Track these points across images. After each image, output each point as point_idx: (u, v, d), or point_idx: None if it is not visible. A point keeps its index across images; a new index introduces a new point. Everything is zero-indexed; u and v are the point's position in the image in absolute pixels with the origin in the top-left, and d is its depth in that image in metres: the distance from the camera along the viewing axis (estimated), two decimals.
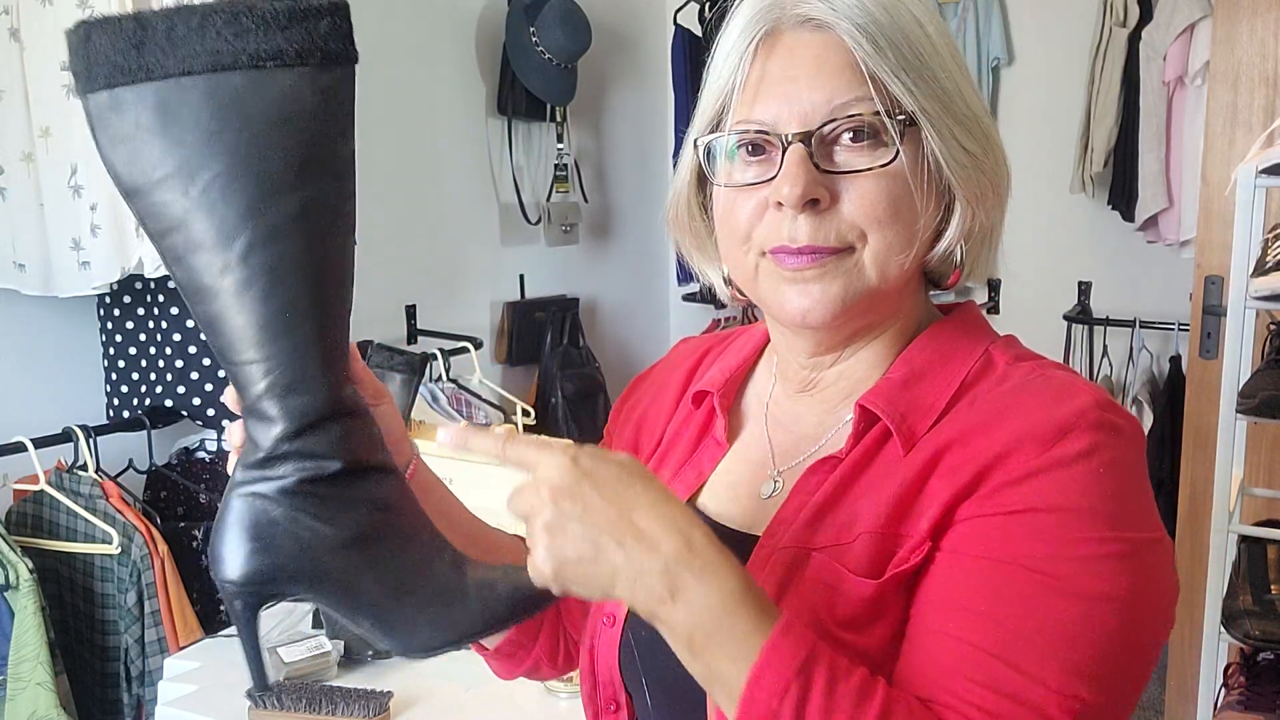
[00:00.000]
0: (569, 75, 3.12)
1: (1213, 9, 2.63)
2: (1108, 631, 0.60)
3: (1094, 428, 0.63)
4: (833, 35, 0.66)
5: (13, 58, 1.82)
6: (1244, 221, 1.82)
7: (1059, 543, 0.60)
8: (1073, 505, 0.61)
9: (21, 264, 1.87)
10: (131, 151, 0.61)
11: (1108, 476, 0.62)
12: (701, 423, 0.82)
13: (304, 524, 0.63)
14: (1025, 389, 0.67)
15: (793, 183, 0.65)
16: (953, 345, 0.73)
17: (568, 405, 3.08)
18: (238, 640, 0.69)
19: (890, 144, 0.66)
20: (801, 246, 0.67)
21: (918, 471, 0.66)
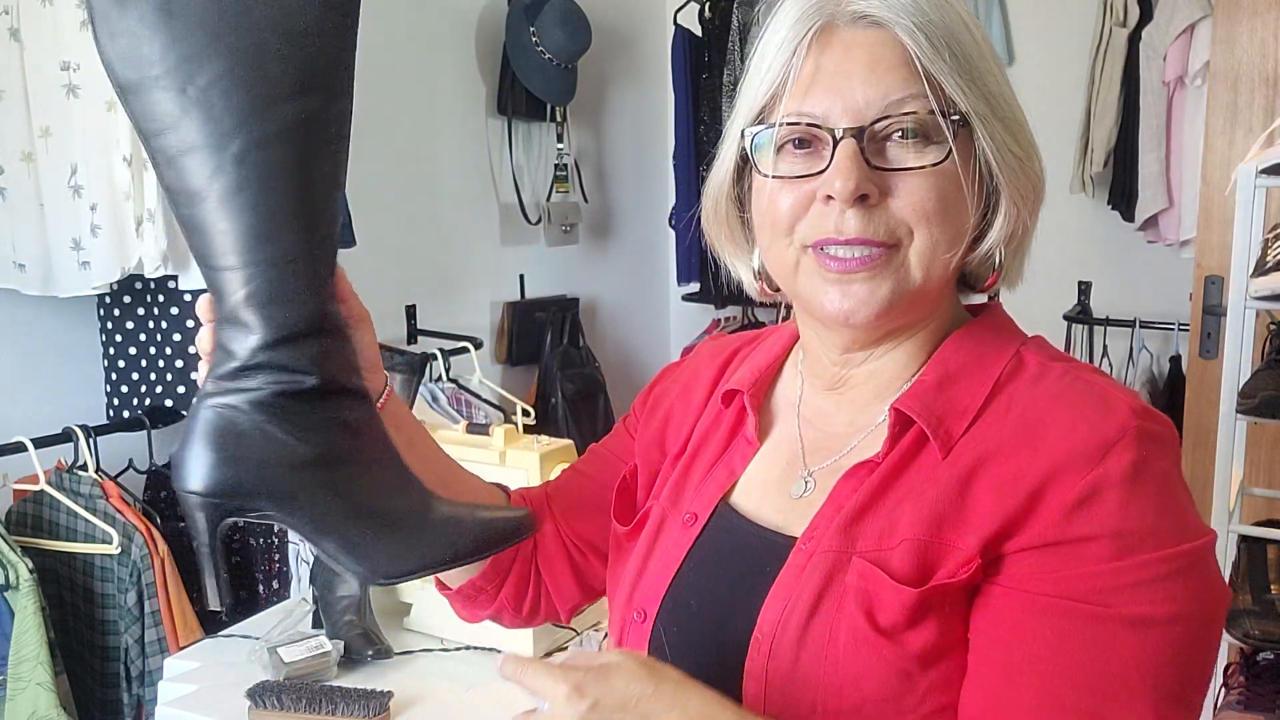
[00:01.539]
0: (569, 75, 3.12)
1: (1213, 9, 2.63)
2: (1186, 650, 0.60)
3: (1137, 440, 0.62)
4: (889, 33, 0.66)
5: (13, 58, 1.82)
6: (1244, 221, 1.82)
7: (1122, 570, 0.60)
8: (1130, 529, 0.60)
9: (21, 264, 1.87)
10: (130, 46, 0.59)
11: (1159, 492, 0.62)
12: (732, 422, 0.82)
13: (274, 438, 0.62)
14: (1063, 396, 0.67)
15: (845, 177, 0.65)
16: (984, 346, 0.72)
17: (568, 405, 3.08)
18: (238, 640, 0.69)
19: (942, 143, 0.66)
20: (850, 238, 0.67)
21: (959, 479, 0.66)
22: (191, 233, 0.62)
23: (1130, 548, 0.60)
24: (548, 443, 1.62)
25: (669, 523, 0.80)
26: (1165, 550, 0.60)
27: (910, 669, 0.63)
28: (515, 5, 3.02)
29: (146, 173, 1.79)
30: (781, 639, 0.67)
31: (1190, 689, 0.61)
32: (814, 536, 0.70)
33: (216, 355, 0.63)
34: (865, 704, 0.64)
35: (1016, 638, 0.62)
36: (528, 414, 2.42)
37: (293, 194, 0.61)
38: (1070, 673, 0.60)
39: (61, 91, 1.80)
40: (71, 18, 1.78)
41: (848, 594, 0.65)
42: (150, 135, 0.61)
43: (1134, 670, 0.59)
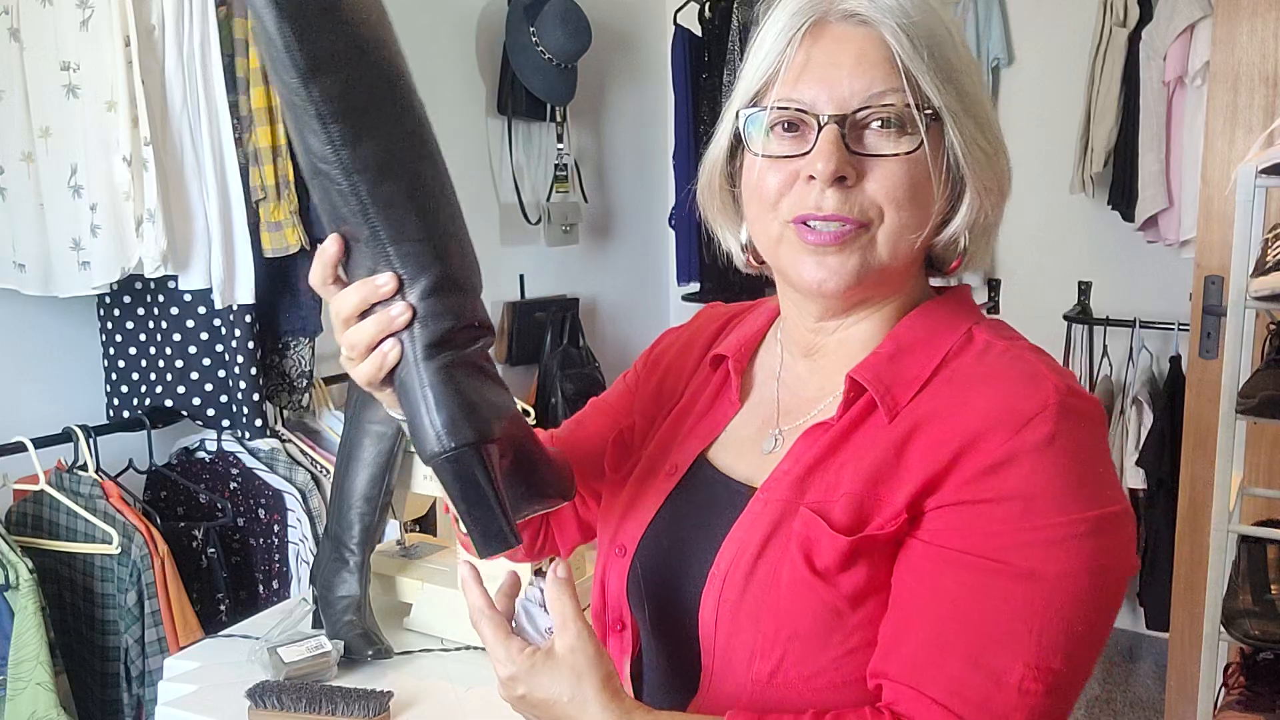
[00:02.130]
0: (569, 75, 3.12)
1: (1213, 9, 2.63)
2: (1075, 605, 0.67)
3: (1057, 414, 0.68)
4: (875, 31, 0.73)
5: (13, 58, 1.81)
6: (1244, 221, 1.82)
7: (1023, 530, 0.67)
8: (1036, 491, 0.67)
9: (21, 264, 1.87)
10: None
11: (1069, 461, 0.68)
12: (718, 383, 0.91)
13: (485, 384, 0.74)
14: (997, 369, 0.74)
15: (826, 159, 0.72)
16: (940, 323, 0.79)
17: (568, 405, 3.08)
18: (238, 640, 0.72)
19: (915, 134, 0.73)
20: (828, 214, 0.73)
21: (897, 441, 0.73)
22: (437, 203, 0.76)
23: (1034, 511, 0.67)
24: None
25: (654, 472, 0.89)
26: (1067, 515, 0.67)
27: (841, 607, 0.71)
28: (515, 5, 3.02)
29: (146, 173, 1.80)
30: (733, 576, 0.76)
31: (1074, 643, 0.66)
32: (770, 488, 0.78)
33: (424, 322, 0.72)
34: (799, 635, 0.72)
35: (923, 585, 0.70)
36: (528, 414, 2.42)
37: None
38: (961, 618, 0.67)
39: (61, 91, 1.80)
40: (71, 18, 1.78)
41: (792, 539, 0.73)
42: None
43: (1020, 621, 0.66)
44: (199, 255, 1.91)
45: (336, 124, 0.68)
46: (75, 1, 1.77)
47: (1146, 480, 3.09)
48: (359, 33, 0.70)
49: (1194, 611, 2.37)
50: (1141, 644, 3.45)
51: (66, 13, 1.78)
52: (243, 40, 1.95)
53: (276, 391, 2.12)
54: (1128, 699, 3.13)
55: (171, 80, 1.85)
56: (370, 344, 0.73)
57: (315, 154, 0.69)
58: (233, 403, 2.00)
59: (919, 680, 0.68)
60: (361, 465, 1.61)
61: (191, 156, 1.89)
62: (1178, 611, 2.64)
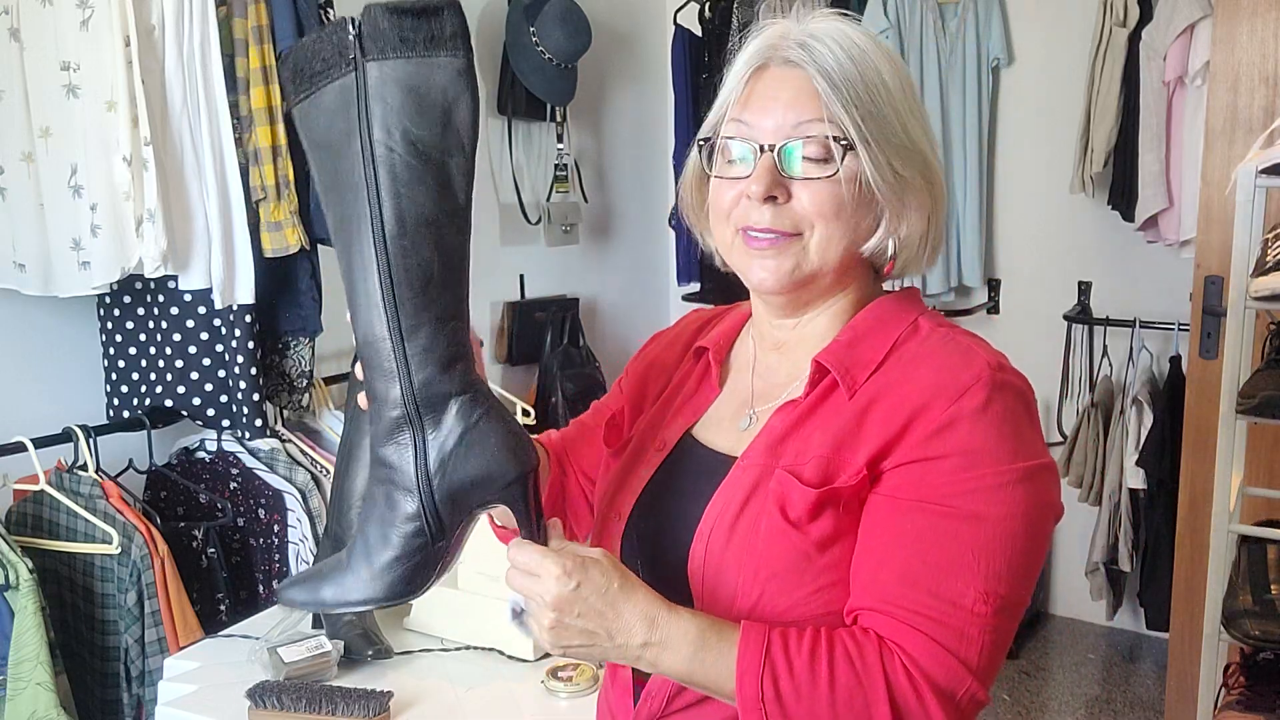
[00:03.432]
0: (569, 75, 3.12)
1: (1213, 9, 2.63)
2: (1013, 541, 0.80)
3: (989, 385, 0.82)
4: (805, 73, 0.87)
5: (13, 58, 1.81)
6: (1244, 221, 1.82)
7: (966, 480, 0.80)
8: (975, 448, 0.80)
9: (21, 264, 1.87)
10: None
11: (1000, 424, 0.81)
12: (700, 372, 1.04)
13: (512, 428, 0.84)
14: (937, 351, 0.87)
15: (758, 182, 0.87)
16: (889, 315, 0.93)
17: (568, 405, 3.08)
18: (238, 640, 0.73)
19: (832, 161, 0.86)
20: (762, 229, 0.88)
21: (856, 413, 0.86)
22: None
23: (973, 464, 0.80)
24: None
25: (645, 448, 1.01)
26: (1001, 467, 0.80)
27: (810, 551, 0.84)
28: (515, 5, 3.02)
29: (146, 173, 1.80)
30: (718, 529, 0.88)
31: (1014, 572, 0.80)
32: (749, 456, 0.90)
33: (472, 379, 0.83)
34: (776, 575, 0.84)
35: (887, 532, 0.82)
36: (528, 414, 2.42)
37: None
38: (923, 556, 0.80)
39: (61, 91, 1.80)
40: (72, 18, 1.78)
41: (769, 496, 0.86)
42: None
43: (969, 554, 0.79)
44: (199, 255, 1.91)
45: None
46: (75, 1, 1.77)
47: (1146, 480, 3.09)
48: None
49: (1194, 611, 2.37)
50: (1141, 644, 3.45)
51: (66, 13, 1.78)
52: (243, 40, 1.95)
53: (276, 391, 2.12)
54: (1128, 699, 3.13)
55: (171, 80, 1.85)
56: None
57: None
58: (233, 403, 2.00)
59: (890, 608, 0.80)
60: (361, 465, 1.61)
61: (191, 156, 1.89)
62: (1178, 611, 2.64)
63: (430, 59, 0.77)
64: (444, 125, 0.79)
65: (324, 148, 0.78)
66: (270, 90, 1.96)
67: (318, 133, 0.78)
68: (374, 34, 0.75)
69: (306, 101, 0.78)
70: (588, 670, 1.50)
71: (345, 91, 0.76)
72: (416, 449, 0.81)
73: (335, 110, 0.77)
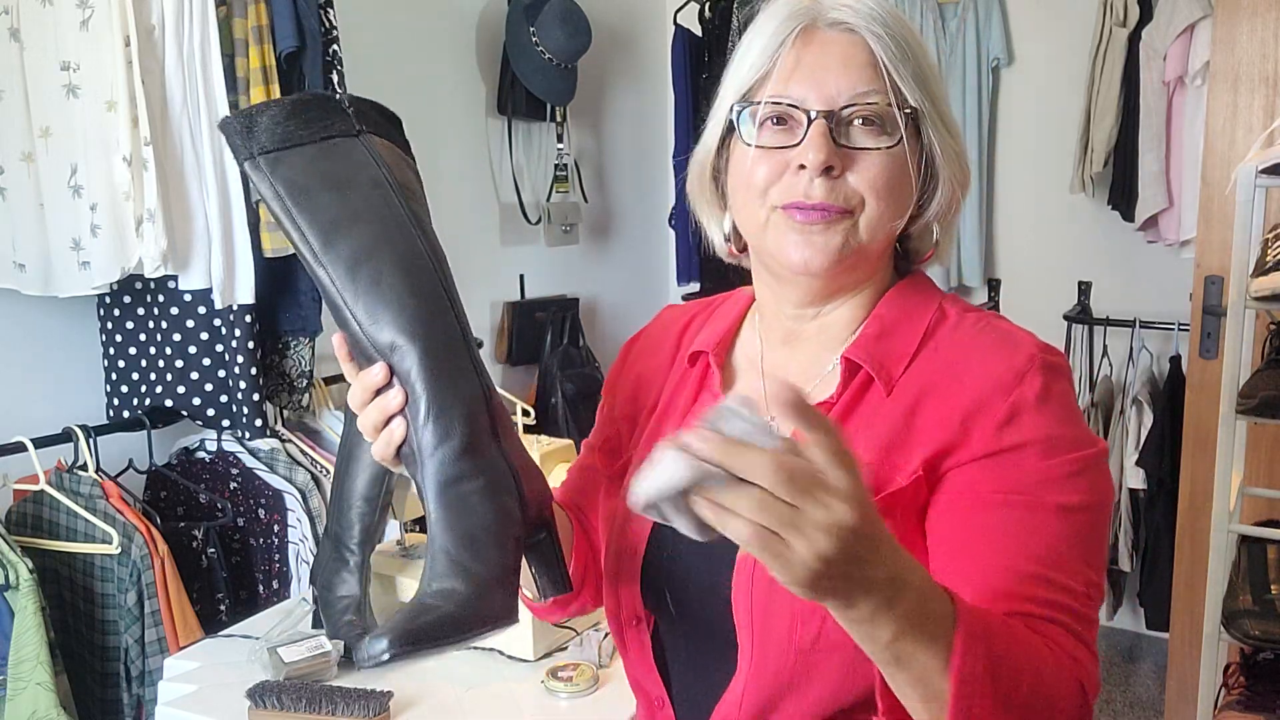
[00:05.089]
0: (569, 75, 3.12)
1: (1213, 9, 2.63)
2: (1096, 527, 0.77)
3: (1042, 369, 0.78)
4: (859, 37, 0.80)
5: (13, 58, 1.81)
6: (1244, 221, 1.82)
7: (1048, 469, 0.76)
8: (1048, 436, 0.76)
9: (21, 264, 1.87)
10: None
11: (1063, 408, 0.78)
12: (699, 379, 0.94)
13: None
14: (979, 339, 0.82)
15: (817, 150, 0.78)
16: (913, 302, 0.87)
17: (568, 405, 3.08)
18: (238, 640, 0.73)
19: (895, 131, 0.80)
20: (815, 203, 0.80)
21: (902, 414, 0.80)
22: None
23: (1051, 451, 0.76)
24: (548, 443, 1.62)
25: None
26: (1076, 453, 0.76)
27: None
28: (515, 5, 3.02)
29: (146, 173, 1.79)
30: None
31: (1098, 559, 0.77)
32: None
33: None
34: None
35: (978, 527, 0.76)
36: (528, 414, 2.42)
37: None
38: (1026, 549, 0.74)
39: (61, 91, 1.80)
40: (72, 18, 1.78)
41: None
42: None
43: (1064, 544, 0.75)
44: (199, 255, 1.91)
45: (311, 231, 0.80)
46: (75, 1, 1.77)
47: (1146, 480, 3.09)
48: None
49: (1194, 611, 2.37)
50: (1141, 644, 3.45)
51: (66, 13, 1.78)
52: (243, 40, 1.95)
53: (276, 391, 2.12)
54: (1128, 699, 3.13)
55: (171, 80, 1.85)
56: (376, 426, 0.79)
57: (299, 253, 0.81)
58: (233, 403, 2.00)
59: (1019, 603, 0.72)
60: (361, 465, 1.61)
61: (191, 156, 1.89)
62: (1178, 611, 2.64)
63: (402, 151, 0.89)
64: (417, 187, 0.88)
65: (327, 186, 0.80)
66: (270, 90, 1.95)
67: (314, 174, 0.80)
68: (360, 115, 0.85)
69: (291, 151, 0.81)
70: (588, 670, 1.50)
71: (347, 145, 0.82)
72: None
73: (338, 156, 0.82)
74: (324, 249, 0.79)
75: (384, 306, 0.77)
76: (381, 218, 0.80)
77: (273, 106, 0.81)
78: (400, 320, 0.77)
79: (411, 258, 0.80)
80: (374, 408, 0.79)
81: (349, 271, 0.78)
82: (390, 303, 0.77)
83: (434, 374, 0.77)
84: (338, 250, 0.78)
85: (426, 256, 0.81)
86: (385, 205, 0.81)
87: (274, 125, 0.80)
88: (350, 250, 0.78)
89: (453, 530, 0.75)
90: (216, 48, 1.87)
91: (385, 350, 0.78)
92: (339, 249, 0.78)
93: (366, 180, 0.81)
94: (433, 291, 0.80)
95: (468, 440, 0.77)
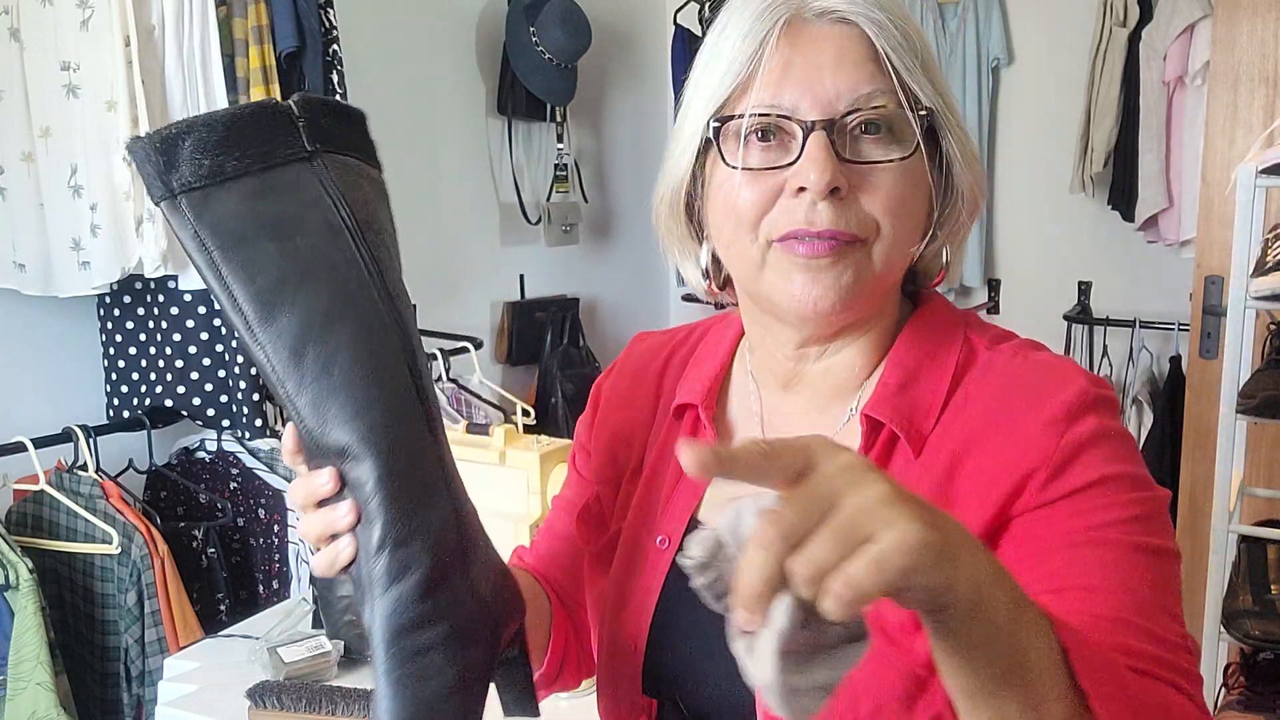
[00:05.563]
0: (569, 75, 3.12)
1: (1213, 9, 2.63)
2: (1175, 577, 0.66)
3: (1094, 404, 0.67)
4: (855, 28, 0.67)
5: (13, 58, 1.81)
6: (1244, 221, 1.82)
7: (1124, 506, 0.64)
8: (1116, 474, 0.65)
9: (21, 264, 1.87)
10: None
11: (1122, 445, 0.67)
12: (688, 434, 0.80)
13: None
14: (1021, 379, 0.70)
15: (820, 168, 0.65)
16: (934, 339, 0.74)
17: (568, 405, 3.07)
18: (238, 640, 0.70)
19: (908, 139, 0.68)
20: (821, 230, 0.66)
21: (939, 479, 0.67)
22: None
23: (1120, 488, 0.65)
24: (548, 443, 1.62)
25: (641, 548, 0.78)
26: (1147, 492, 0.66)
27: (919, 673, 0.63)
28: (515, 5, 3.02)
29: None
30: None
31: (1182, 614, 0.65)
32: None
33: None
34: (879, 712, 0.64)
35: (1045, 573, 0.62)
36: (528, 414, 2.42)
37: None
38: (1105, 591, 0.61)
39: (61, 91, 1.80)
40: (72, 18, 1.78)
41: None
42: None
43: (1149, 589, 0.63)
44: None
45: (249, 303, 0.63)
46: (75, 1, 1.77)
47: None
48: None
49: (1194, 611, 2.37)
50: None
51: (66, 13, 1.78)
52: (243, 40, 1.95)
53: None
54: None
55: (171, 80, 1.85)
56: (319, 538, 0.64)
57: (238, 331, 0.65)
58: (233, 403, 2.00)
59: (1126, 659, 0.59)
60: None
61: None
62: None
63: (365, 164, 0.70)
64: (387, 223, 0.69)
65: (267, 234, 0.63)
66: (270, 90, 1.95)
67: (252, 217, 0.63)
68: (314, 127, 0.66)
69: (222, 187, 0.63)
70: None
71: (295, 174, 0.65)
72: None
73: (283, 191, 0.64)
74: (262, 322, 0.62)
75: (335, 401, 0.62)
76: (337, 277, 0.63)
77: (199, 127, 0.63)
78: (355, 422, 0.62)
79: (372, 332, 0.64)
80: (318, 518, 0.63)
81: (293, 355, 0.62)
82: (343, 397, 0.62)
83: (394, 494, 0.61)
84: (279, 325, 0.62)
85: (391, 328, 0.64)
86: (342, 258, 0.64)
87: (201, 152, 0.62)
88: (296, 325, 0.62)
89: (404, 697, 0.60)
90: (216, 48, 1.87)
91: (335, 454, 0.62)
92: (280, 322, 0.62)
93: (319, 224, 0.64)
94: (396, 378, 0.64)
95: (430, 578, 0.61)
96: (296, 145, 0.65)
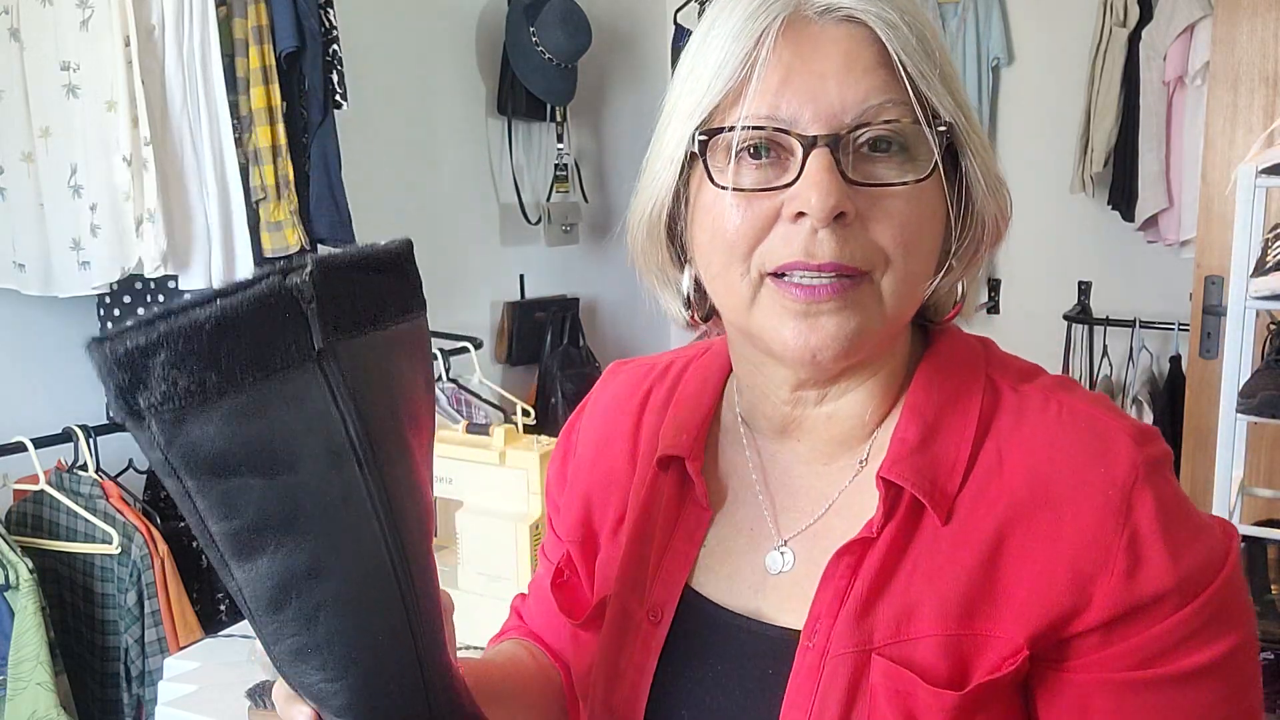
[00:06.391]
0: (569, 75, 3.12)
1: (1213, 9, 2.63)
2: (1254, 669, 0.58)
3: (1148, 476, 0.58)
4: (865, 30, 0.58)
5: (13, 58, 1.82)
6: (1244, 221, 1.82)
7: (1179, 625, 0.57)
8: (1186, 577, 0.57)
9: (21, 264, 1.87)
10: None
11: (1183, 523, 0.58)
12: (675, 488, 0.71)
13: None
14: (1060, 442, 0.61)
15: (823, 191, 0.56)
16: (953, 381, 0.65)
17: (568, 405, 3.07)
18: (238, 640, 0.69)
19: (923, 158, 0.58)
20: (823, 264, 0.57)
21: (980, 559, 0.59)
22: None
23: (1189, 595, 0.57)
24: (548, 443, 1.61)
25: (630, 620, 0.69)
26: (1213, 581, 0.57)
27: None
28: (515, 5, 3.02)
29: (146, 173, 1.80)
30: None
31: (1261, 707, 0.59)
32: (819, 631, 0.60)
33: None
34: None
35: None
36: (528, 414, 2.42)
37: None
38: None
39: (61, 91, 1.80)
40: (72, 18, 1.78)
41: (877, 701, 0.57)
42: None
43: (1225, 710, 0.57)
44: (199, 255, 1.91)
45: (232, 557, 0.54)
46: (75, 1, 1.77)
47: None
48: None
49: None
50: None
51: (66, 13, 1.78)
52: (243, 40, 1.95)
53: None
54: None
55: (171, 80, 1.85)
56: None
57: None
58: None
59: None
60: None
61: (191, 156, 1.89)
62: None
63: (400, 324, 0.56)
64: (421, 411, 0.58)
65: (253, 466, 0.50)
66: (270, 90, 1.96)
67: (237, 444, 0.49)
68: (330, 309, 0.51)
69: (203, 411, 0.49)
70: None
71: (296, 384, 0.51)
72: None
73: (279, 408, 0.50)
74: (239, 562, 0.52)
75: (317, 658, 0.54)
76: (330, 521, 0.52)
77: (177, 336, 0.47)
78: (337, 683, 0.55)
79: (367, 579, 0.54)
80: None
81: (271, 603, 0.53)
82: (326, 655, 0.54)
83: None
84: (257, 568, 0.52)
85: (393, 577, 0.55)
86: (341, 494, 0.52)
87: (178, 366, 0.47)
88: (276, 574, 0.52)
89: None
90: (216, 48, 1.87)
91: (314, 698, 0.56)
92: (260, 566, 0.52)
93: (318, 450, 0.51)
94: (393, 639, 0.55)
95: None
96: (303, 343, 0.50)
